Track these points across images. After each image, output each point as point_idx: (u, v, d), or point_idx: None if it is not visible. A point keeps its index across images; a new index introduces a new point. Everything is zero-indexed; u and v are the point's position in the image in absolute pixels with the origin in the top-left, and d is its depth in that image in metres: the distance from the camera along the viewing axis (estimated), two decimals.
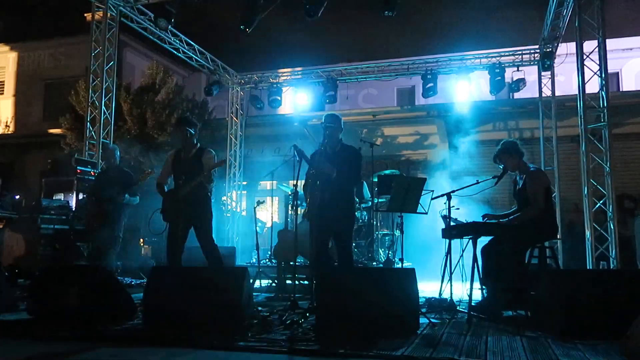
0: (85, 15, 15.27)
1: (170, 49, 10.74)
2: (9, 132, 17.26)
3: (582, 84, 7.59)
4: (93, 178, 7.95)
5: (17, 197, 8.54)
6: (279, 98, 12.17)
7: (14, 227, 7.50)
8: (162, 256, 9.61)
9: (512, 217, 5.02)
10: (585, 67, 7.60)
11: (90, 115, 8.96)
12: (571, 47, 8.77)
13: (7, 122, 17.23)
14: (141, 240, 10.01)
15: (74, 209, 8.13)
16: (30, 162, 15.30)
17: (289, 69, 13.05)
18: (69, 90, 12.89)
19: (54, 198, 8.72)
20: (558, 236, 5.46)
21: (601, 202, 7.51)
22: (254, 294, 6.16)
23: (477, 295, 4.97)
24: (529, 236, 4.85)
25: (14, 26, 18.36)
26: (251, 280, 6.88)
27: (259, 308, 5.15)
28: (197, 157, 5.58)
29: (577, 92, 7.75)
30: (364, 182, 8.41)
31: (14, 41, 18.38)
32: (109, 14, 9.00)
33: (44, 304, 4.65)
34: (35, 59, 18.02)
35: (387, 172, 8.90)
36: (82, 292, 4.40)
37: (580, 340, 3.54)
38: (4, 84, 18.38)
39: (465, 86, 11.09)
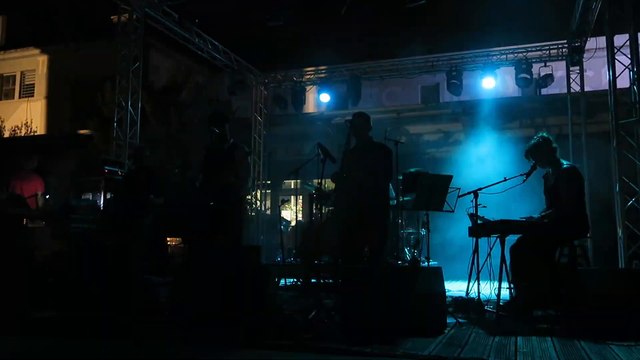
0: (112, 17, 15.51)
1: (194, 49, 10.83)
2: (40, 134, 17.62)
3: (613, 78, 7.41)
4: (120, 178, 8.05)
5: (47, 197, 8.71)
6: (303, 97, 12.17)
7: (44, 227, 7.62)
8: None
9: (543, 214, 4.90)
10: (616, 61, 7.42)
11: (117, 116, 9.10)
12: (600, 41, 8.56)
13: (29, 122, 17.54)
14: (167, 238, 10.11)
15: (102, 209, 8.25)
16: (60, 163, 15.60)
17: (313, 68, 13.04)
18: (96, 91, 13.08)
19: (82, 198, 8.87)
20: (589, 235, 5.31)
21: (633, 199, 7.32)
22: (279, 292, 6.16)
23: (505, 294, 4.88)
24: (560, 234, 4.73)
25: (43, 30, 18.76)
26: (276, 279, 6.88)
27: (284, 307, 5.16)
28: (229, 154, 5.42)
29: (606, 87, 7.57)
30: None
31: (43, 44, 18.77)
32: (134, 16, 9.13)
33: (69, 302, 4.72)
34: (64, 61, 18.33)
35: (412, 170, 8.81)
36: (107, 289, 4.46)
37: (614, 341, 3.45)
38: (34, 87, 18.79)
39: (491, 83, 10.92)
